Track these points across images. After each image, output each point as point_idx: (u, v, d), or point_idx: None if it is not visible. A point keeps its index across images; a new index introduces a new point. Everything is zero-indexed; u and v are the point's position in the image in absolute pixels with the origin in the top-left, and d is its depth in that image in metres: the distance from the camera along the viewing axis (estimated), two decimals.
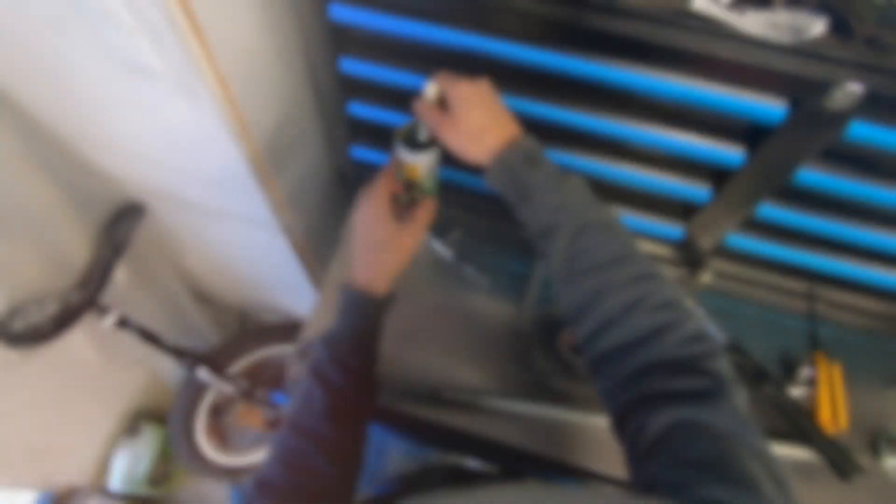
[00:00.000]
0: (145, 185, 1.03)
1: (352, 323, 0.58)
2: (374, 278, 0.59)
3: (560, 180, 0.51)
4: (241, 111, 0.71)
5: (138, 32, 0.59)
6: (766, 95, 0.55)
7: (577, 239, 0.49)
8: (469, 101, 0.53)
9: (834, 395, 0.75)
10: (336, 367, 0.55)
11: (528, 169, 0.52)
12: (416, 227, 0.60)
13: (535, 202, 0.51)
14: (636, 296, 0.45)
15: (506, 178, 0.53)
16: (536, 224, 0.52)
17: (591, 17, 0.52)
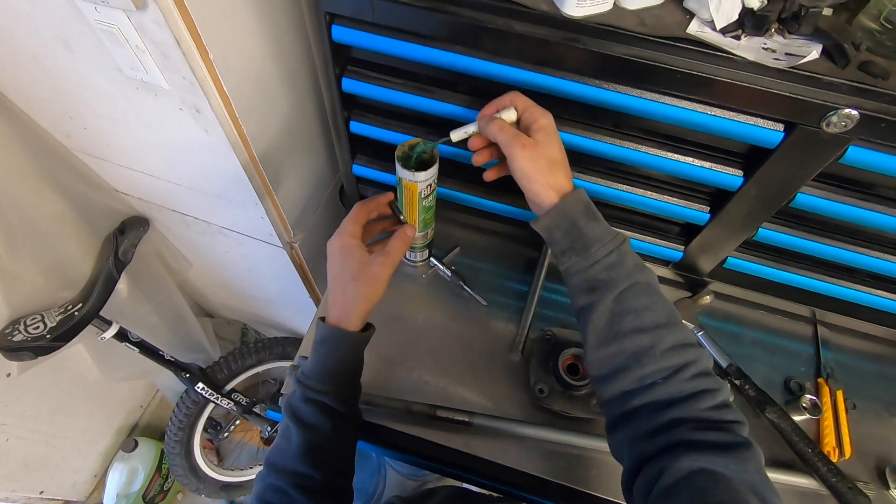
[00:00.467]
0: (150, 200, 1.04)
1: (324, 360, 0.56)
2: (345, 313, 0.57)
3: (616, 238, 0.52)
4: (243, 128, 0.72)
5: (145, 51, 0.60)
6: (763, 119, 0.55)
7: (625, 299, 0.50)
8: (554, 131, 0.54)
9: (839, 423, 0.74)
10: (309, 405, 0.54)
11: (588, 221, 0.52)
12: (386, 258, 0.59)
13: (591, 255, 0.51)
14: (678, 363, 0.47)
15: (564, 224, 0.53)
16: (586, 277, 0.52)
17: (589, 40, 0.53)
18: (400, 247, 0.60)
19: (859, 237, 0.68)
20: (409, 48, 0.60)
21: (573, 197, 0.53)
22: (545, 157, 0.53)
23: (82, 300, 1.03)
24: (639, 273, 0.52)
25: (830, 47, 0.50)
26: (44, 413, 1.21)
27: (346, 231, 0.59)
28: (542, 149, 0.53)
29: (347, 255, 0.58)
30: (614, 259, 0.51)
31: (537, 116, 0.54)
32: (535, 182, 0.53)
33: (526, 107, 0.55)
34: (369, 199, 0.63)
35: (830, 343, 0.83)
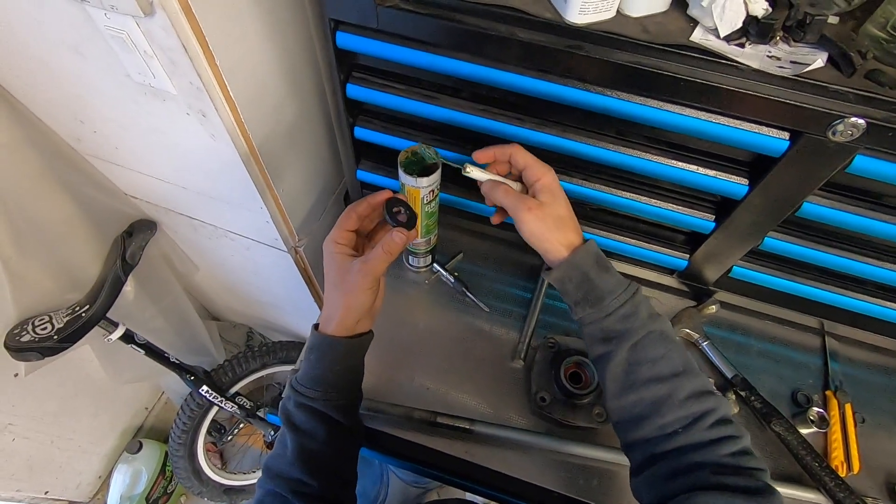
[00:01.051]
0: (157, 203, 1.05)
1: (314, 367, 0.55)
2: (328, 320, 0.56)
3: (629, 288, 0.53)
4: (249, 133, 0.73)
5: (153, 57, 0.61)
6: (768, 127, 0.55)
7: (641, 348, 0.51)
8: (558, 188, 0.55)
9: (847, 437, 0.72)
10: (301, 410, 0.54)
11: (600, 272, 0.53)
12: (364, 266, 0.55)
13: (605, 307, 0.52)
14: (697, 411, 0.48)
15: (576, 277, 0.53)
16: (601, 327, 0.53)
17: (592, 48, 0.53)
18: (381, 255, 0.55)
19: (868, 247, 0.67)
20: (413, 55, 0.60)
21: (583, 250, 0.54)
22: (552, 217, 0.54)
23: (89, 302, 1.04)
24: (653, 322, 0.52)
25: (836, 55, 0.50)
26: (50, 414, 1.22)
27: (330, 237, 0.58)
28: (549, 209, 0.54)
29: (329, 262, 0.57)
30: (628, 310, 0.52)
31: (539, 175, 0.55)
32: (545, 241, 0.54)
33: (527, 164, 0.56)
34: (359, 200, 0.59)
35: (839, 355, 0.82)
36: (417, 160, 0.66)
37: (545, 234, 0.54)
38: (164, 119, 0.73)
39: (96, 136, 0.86)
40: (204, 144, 0.75)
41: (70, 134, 0.90)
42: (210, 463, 1.52)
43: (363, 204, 0.59)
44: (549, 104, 0.61)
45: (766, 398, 0.73)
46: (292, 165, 0.89)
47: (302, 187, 0.96)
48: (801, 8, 0.49)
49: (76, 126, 0.86)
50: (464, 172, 0.58)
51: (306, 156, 0.93)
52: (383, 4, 0.55)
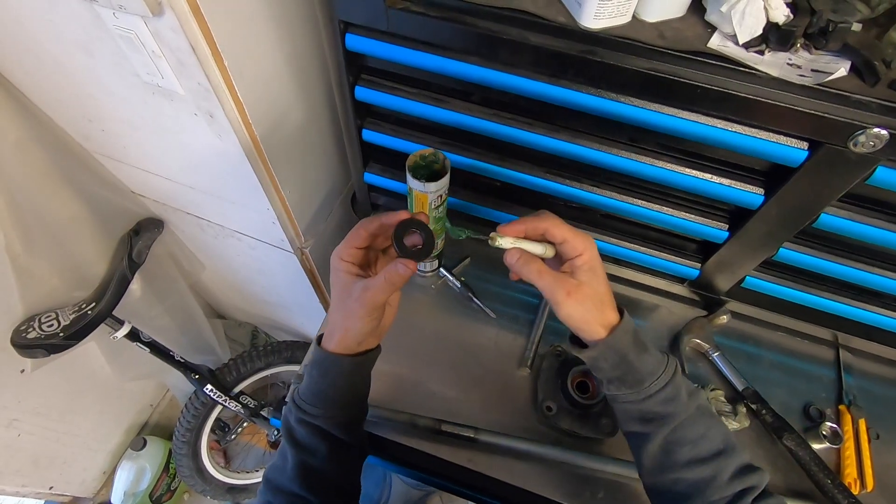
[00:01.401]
0: (165, 202, 1.05)
1: (316, 383, 0.53)
2: (332, 335, 0.53)
3: (667, 368, 0.50)
4: (256, 134, 0.73)
5: (161, 57, 0.60)
6: (786, 137, 0.54)
7: (681, 429, 0.49)
8: (598, 263, 0.50)
9: (861, 453, 0.71)
10: (302, 426, 0.52)
11: (639, 353, 0.50)
12: (363, 294, 0.49)
13: (644, 390, 0.49)
14: (741, 488, 0.47)
15: (613, 358, 0.50)
16: (639, 409, 0.50)
17: (606, 53, 0.52)
18: (382, 285, 0.49)
19: (887, 260, 0.65)
20: (422, 58, 0.59)
21: (621, 330, 0.50)
22: (591, 299, 0.49)
23: (96, 299, 1.04)
24: (693, 401, 0.50)
25: (859, 64, 0.49)
26: (55, 410, 1.23)
27: (338, 251, 0.52)
28: (588, 289, 0.49)
29: (333, 278, 0.53)
30: (669, 393, 0.49)
31: (581, 250, 0.49)
32: (584, 324, 0.50)
33: (565, 239, 0.50)
34: (373, 217, 0.53)
35: (853, 368, 0.80)
36: (426, 165, 0.65)
37: (584, 316, 0.49)
38: (171, 119, 0.73)
39: (105, 134, 0.86)
40: (211, 145, 0.74)
41: (79, 132, 0.90)
42: (213, 461, 1.52)
43: (375, 223, 0.52)
44: (561, 109, 0.59)
45: (777, 412, 0.71)
46: (299, 167, 0.89)
47: (309, 189, 0.95)
48: (823, 15, 0.48)
49: (85, 124, 0.86)
50: (491, 243, 0.50)
51: (314, 158, 0.92)
52: (394, 6, 0.54)
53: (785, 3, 0.48)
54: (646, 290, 0.86)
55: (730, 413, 0.72)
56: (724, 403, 0.73)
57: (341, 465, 0.54)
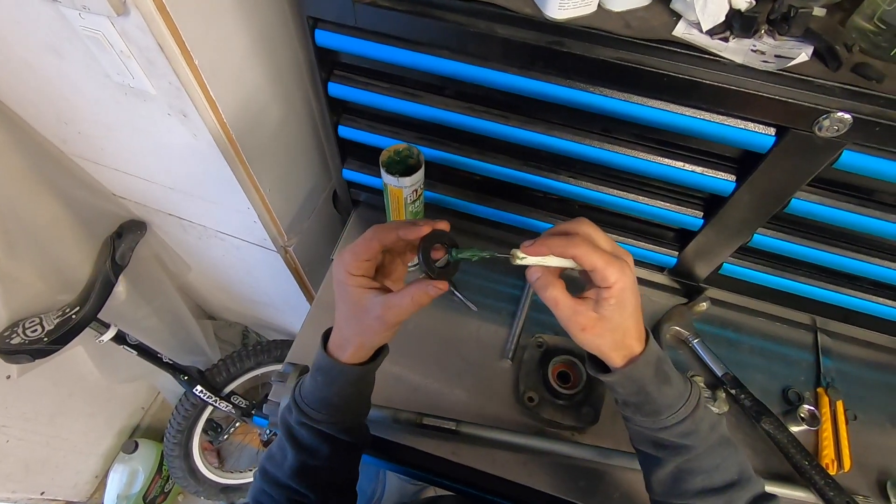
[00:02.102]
0: (146, 203, 1.05)
1: (321, 389, 0.51)
2: (343, 347, 0.50)
3: (689, 401, 0.48)
4: (232, 133, 0.72)
5: (130, 56, 0.60)
6: (754, 123, 0.54)
7: (696, 459, 0.48)
8: (630, 295, 0.44)
9: (838, 434, 0.72)
10: (306, 430, 0.51)
11: (659, 385, 0.47)
12: (387, 312, 0.46)
13: (661, 421, 0.47)
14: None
15: (631, 388, 0.47)
16: (653, 436, 0.49)
17: (573, 43, 0.52)
18: (408, 305, 0.45)
19: (858, 243, 0.66)
20: (393, 52, 0.59)
21: (643, 361, 0.46)
22: (611, 332, 0.45)
23: (80, 303, 1.03)
24: (713, 433, 0.48)
25: (822, 49, 0.49)
26: (44, 415, 1.22)
27: (344, 265, 0.47)
28: (608, 324, 0.44)
29: (342, 294, 0.48)
30: (687, 427, 0.47)
31: (610, 281, 0.42)
32: (601, 354, 0.47)
33: (595, 267, 0.42)
34: (388, 226, 0.47)
35: (831, 351, 0.81)
36: (400, 160, 0.65)
37: (601, 349, 0.46)
38: (146, 119, 0.72)
39: (81, 136, 0.86)
40: (187, 144, 0.74)
41: (55, 135, 0.89)
42: (206, 462, 1.53)
43: (392, 234, 0.46)
44: (534, 101, 0.60)
45: (756, 396, 0.72)
46: (279, 165, 0.88)
47: (290, 187, 0.95)
48: (785, 0, 0.48)
49: (61, 127, 0.85)
50: (512, 261, 0.46)
51: (293, 155, 0.92)
52: (361, 1, 0.54)
53: None
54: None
55: (709, 398, 0.72)
56: (704, 389, 0.73)
57: (342, 463, 0.53)
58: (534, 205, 0.78)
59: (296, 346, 0.78)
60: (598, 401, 0.71)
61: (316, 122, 0.91)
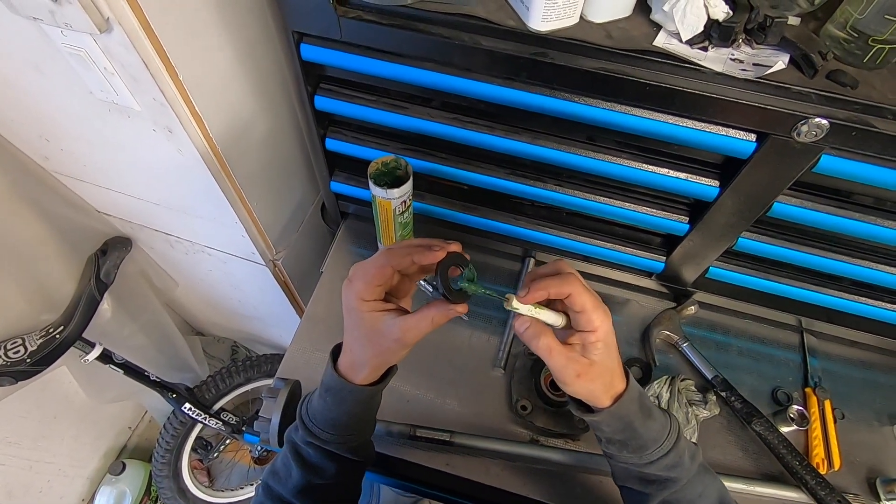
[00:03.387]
0: (131, 220, 1.03)
1: (330, 409, 0.50)
2: (355, 369, 0.49)
3: (671, 433, 0.49)
4: (218, 147, 0.72)
5: (114, 73, 0.60)
6: (735, 129, 0.55)
7: (681, 491, 0.49)
8: (612, 337, 0.46)
9: (827, 433, 0.73)
10: (313, 449, 0.51)
11: (644, 420, 0.48)
12: (404, 335, 0.45)
13: (647, 455, 0.48)
14: None
15: (618, 426, 0.48)
16: (639, 472, 0.50)
17: (556, 55, 0.52)
18: (426, 326, 0.45)
19: (839, 245, 0.67)
20: (379, 66, 0.59)
21: (627, 398, 0.48)
22: (601, 377, 0.47)
23: (64, 322, 1.02)
24: (693, 463, 0.50)
25: (797, 57, 0.50)
26: (28, 438, 1.20)
27: (356, 292, 0.46)
28: (599, 368, 0.46)
29: (354, 319, 0.48)
30: (672, 460, 0.48)
31: (596, 324, 0.44)
32: (591, 398, 0.48)
33: (584, 309, 0.44)
34: (403, 251, 0.46)
35: (817, 351, 0.82)
36: (388, 171, 0.65)
37: (592, 393, 0.47)
38: (130, 135, 0.72)
39: (64, 153, 0.85)
40: (172, 160, 0.73)
41: (37, 153, 0.88)
42: (196, 481, 1.50)
43: (406, 260, 0.45)
44: (519, 111, 0.60)
45: (746, 398, 0.73)
46: (266, 178, 0.88)
47: (277, 200, 0.95)
48: (761, 10, 0.49)
49: (42, 145, 0.84)
50: (506, 305, 0.45)
51: (280, 168, 0.92)
52: (346, 16, 0.54)
53: (724, 0, 0.49)
54: (616, 286, 0.87)
55: (700, 402, 0.73)
56: (695, 392, 0.74)
57: (347, 482, 0.53)
58: (522, 213, 0.79)
59: (286, 360, 0.78)
60: None
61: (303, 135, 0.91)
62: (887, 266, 0.67)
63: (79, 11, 0.50)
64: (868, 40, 0.49)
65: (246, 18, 0.69)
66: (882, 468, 0.71)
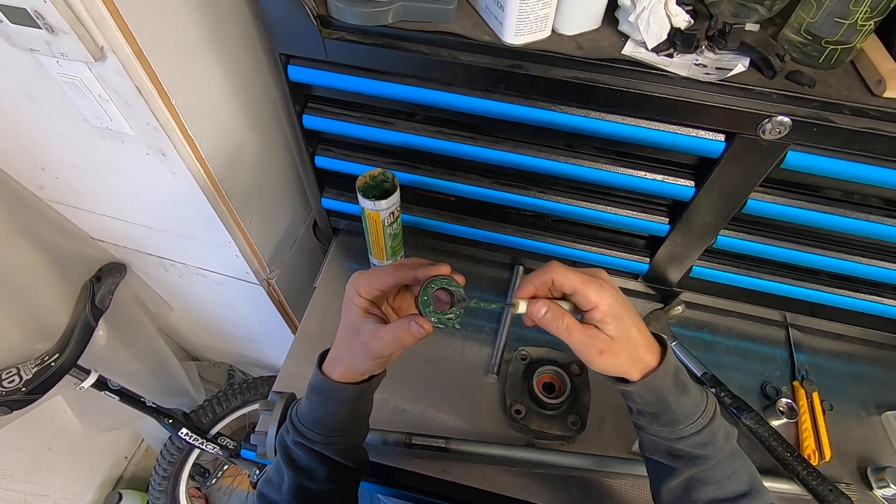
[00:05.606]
0: (125, 245, 1.05)
1: (316, 408, 0.51)
2: (335, 364, 0.50)
3: (706, 411, 0.48)
4: (211, 169, 0.74)
5: (108, 100, 0.62)
6: (704, 130, 0.58)
7: (709, 470, 0.48)
8: (623, 307, 0.46)
9: (817, 425, 0.74)
10: (302, 450, 0.51)
11: (679, 395, 0.47)
12: (373, 343, 0.47)
13: (678, 431, 0.47)
14: None
15: (650, 398, 0.47)
16: (668, 446, 0.49)
17: (531, 66, 0.55)
18: (390, 342, 0.46)
19: (813, 238, 0.70)
20: (364, 83, 0.62)
21: (662, 371, 0.47)
22: (625, 349, 0.46)
23: (59, 350, 1.02)
24: (727, 443, 0.49)
25: (757, 60, 0.53)
26: (21, 470, 1.18)
27: (356, 285, 0.48)
28: (620, 342, 0.45)
29: (345, 309, 0.50)
30: (704, 437, 0.47)
31: (596, 300, 0.45)
32: (620, 373, 0.48)
33: (575, 288, 0.45)
34: (410, 266, 0.48)
35: (803, 345, 0.84)
36: (376, 184, 0.67)
37: (620, 368, 0.47)
38: (124, 160, 0.74)
39: (58, 181, 0.86)
40: (166, 183, 0.75)
41: (31, 181, 0.89)
42: None
43: (410, 273, 0.47)
44: (500, 122, 0.63)
45: (735, 393, 0.74)
46: (258, 198, 0.90)
47: (270, 219, 0.97)
48: (720, 18, 0.53)
49: (37, 173, 0.86)
50: (513, 311, 0.48)
51: (272, 188, 0.94)
52: (330, 37, 0.57)
53: (685, 10, 0.53)
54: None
55: None
56: None
57: (340, 486, 0.53)
58: (509, 221, 0.81)
59: (281, 375, 0.78)
60: (584, 409, 0.72)
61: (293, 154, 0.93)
62: (861, 257, 0.69)
63: (74, 41, 0.52)
64: (822, 42, 0.52)
65: (235, 43, 0.71)
66: (872, 457, 0.73)
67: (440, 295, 0.47)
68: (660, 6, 0.51)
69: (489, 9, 0.55)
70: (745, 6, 0.53)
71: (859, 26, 0.50)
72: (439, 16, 0.56)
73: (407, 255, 0.83)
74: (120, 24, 0.53)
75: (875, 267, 0.69)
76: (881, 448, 0.74)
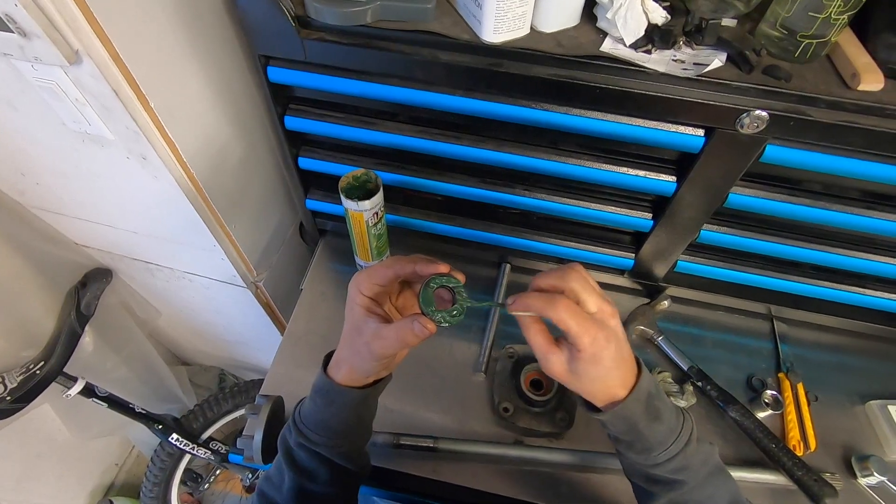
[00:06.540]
0: (110, 250, 1.04)
1: (320, 411, 0.51)
2: (339, 366, 0.50)
3: (680, 437, 0.47)
4: (193, 172, 0.73)
5: (86, 104, 0.61)
6: (684, 126, 0.58)
7: (688, 492, 0.47)
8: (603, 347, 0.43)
9: (802, 416, 0.75)
10: (304, 451, 0.51)
11: (650, 422, 0.46)
12: (376, 343, 0.46)
13: (652, 458, 0.47)
14: None
15: (622, 427, 0.47)
16: (645, 472, 0.49)
17: (510, 64, 0.55)
18: (394, 342, 0.46)
19: (794, 231, 0.70)
20: (344, 83, 0.62)
21: (632, 400, 0.45)
22: (590, 384, 0.45)
23: (45, 358, 1.01)
24: (705, 466, 0.48)
25: (734, 55, 0.54)
26: (10, 479, 1.17)
27: (357, 283, 0.48)
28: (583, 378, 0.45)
29: (348, 309, 0.49)
30: (679, 463, 0.47)
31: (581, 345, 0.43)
32: (589, 397, 0.47)
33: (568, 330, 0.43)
34: (410, 260, 0.47)
35: (788, 337, 0.85)
36: (359, 185, 0.67)
37: (580, 392, 0.47)
38: (105, 165, 0.73)
39: (39, 187, 0.85)
40: (148, 187, 0.75)
41: (13, 188, 0.88)
42: None
43: (409, 267, 0.47)
44: (483, 121, 0.63)
45: (721, 386, 0.75)
46: (244, 201, 0.89)
47: (256, 222, 0.96)
48: (696, 14, 0.53)
49: (18, 179, 0.85)
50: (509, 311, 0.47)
51: (257, 190, 0.93)
52: (308, 38, 0.57)
53: (662, 6, 0.53)
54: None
55: (677, 392, 0.75)
56: (672, 384, 0.76)
57: (341, 489, 0.52)
58: (495, 219, 0.81)
59: (269, 378, 0.78)
60: (572, 406, 0.73)
61: (277, 156, 0.93)
62: (843, 249, 0.70)
63: (48, 45, 0.51)
64: (797, 36, 0.52)
65: (216, 45, 0.71)
66: (856, 446, 0.73)
67: (441, 293, 0.46)
68: (637, 2, 0.52)
69: (467, 7, 0.55)
70: (723, 1, 0.54)
71: (833, 20, 0.50)
72: (418, 15, 0.56)
73: (393, 255, 0.82)
74: (94, 26, 0.52)
75: (857, 258, 0.70)
76: (865, 437, 0.75)
